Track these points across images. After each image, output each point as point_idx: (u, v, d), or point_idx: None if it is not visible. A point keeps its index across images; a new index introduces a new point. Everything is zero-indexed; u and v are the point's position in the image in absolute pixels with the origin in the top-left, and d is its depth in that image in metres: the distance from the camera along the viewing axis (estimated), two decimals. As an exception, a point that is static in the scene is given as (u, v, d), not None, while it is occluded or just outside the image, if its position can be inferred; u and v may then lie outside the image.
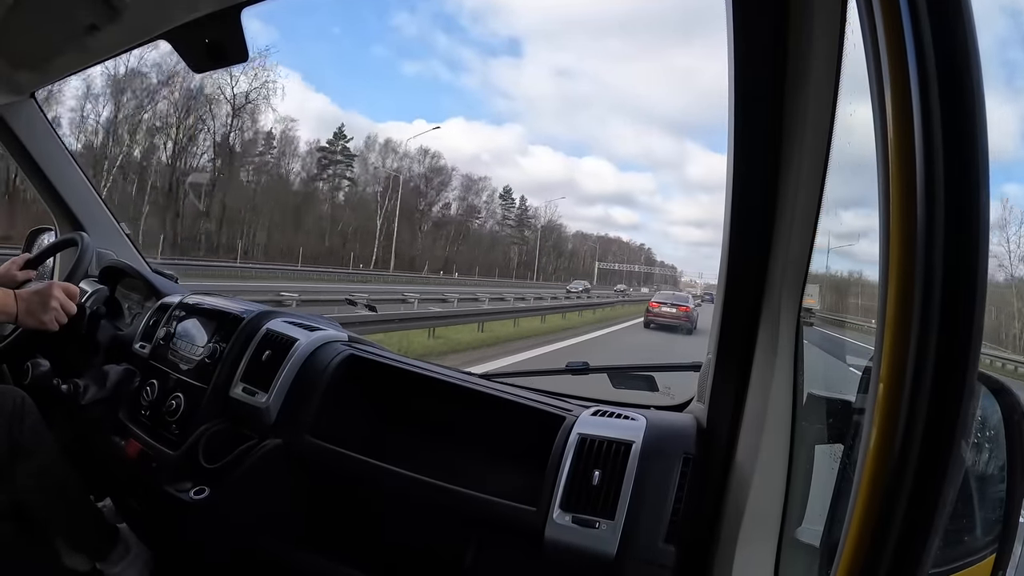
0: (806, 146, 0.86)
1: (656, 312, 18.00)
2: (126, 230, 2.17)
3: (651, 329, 17.23)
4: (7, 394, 1.43)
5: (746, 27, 0.84)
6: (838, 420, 0.97)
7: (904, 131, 0.49)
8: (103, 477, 1.63)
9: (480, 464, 1.29)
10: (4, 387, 1.47)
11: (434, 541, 1.32)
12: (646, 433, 1.14)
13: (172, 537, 1.51)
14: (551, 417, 1.25)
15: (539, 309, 16.69)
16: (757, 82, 0.87)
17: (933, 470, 0.49)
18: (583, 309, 20.07)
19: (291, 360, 1.43)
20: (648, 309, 18.75)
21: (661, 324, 17.27)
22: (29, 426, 1.42)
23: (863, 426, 0.53)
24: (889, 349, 0.50)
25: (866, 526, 0.51)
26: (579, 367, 1.57)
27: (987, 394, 0.78)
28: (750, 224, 0.95)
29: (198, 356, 1.55)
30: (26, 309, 1.40)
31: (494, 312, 14.61)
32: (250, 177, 35.51)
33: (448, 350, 9.43)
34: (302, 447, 1.36)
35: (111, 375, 1.60)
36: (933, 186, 0.48)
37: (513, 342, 11.37)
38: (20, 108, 1.88)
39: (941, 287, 0.48)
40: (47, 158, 1.97)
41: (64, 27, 1.42)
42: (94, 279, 1.90)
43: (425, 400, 1.44)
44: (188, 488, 1.36)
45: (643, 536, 1.05)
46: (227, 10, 1.30)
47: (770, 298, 0.96)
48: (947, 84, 0.48)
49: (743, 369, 1.02)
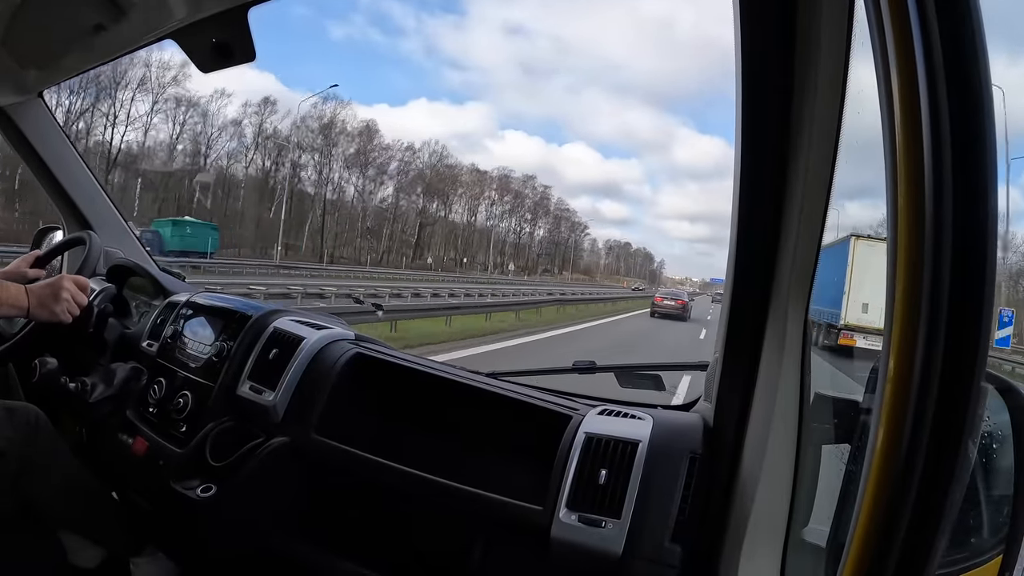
0: (813, 145, 0.86)
1: (659, 305, 23.60)
2: (134, 229, 2.18)
3: (655, 318, 22.21)
4: (23, 411, 1.44)
5: (753, 24, 0.83)
6: (845, 420, 0.97)
7: (912, 131, 0.49)
8: (110, 475, 1.64)
9: (487, 463, 1.29)
10: (20, 404, 1.48)
11: (440, 539, 1.32)
12: (653, 432, 1.14)
13: (180, 535, 1.52)
14: (558, 416, 1.25)
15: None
16: (764, 80, 0.87)
17: (940, 470, 0.49)
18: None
19: (298, 358, 1.43)
20: (653, 303, 24.41)
21: (663, 314, 22.65)
22: (44, 442, 1.44)
23: (870, 426, 0.53)
24: (896, 348, 0.50)
25: (873, 526, 0.51)
26: (586, 366, 1.57)
27: (995, 394, 0.78)
28: (757, 223, 0.94)
29: (205, 354, 1.55)
30: (38, 302, 1.41)
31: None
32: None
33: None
34: (309, 445, 1.36)
35: (118, 373, 1.61)
36: (941, 184, 0.48)
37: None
38: (28, 107, 1.89)
39: (949, 286, 0.48)
40: (55, 157, 1.98)
41: (71, 27, 1.43)
42: (102, 277, 1.91)
43: (432, 399, 1.44)
44: (195, 486, 1.36)
45: (649, 535, 1.05)
46: (233, 10, 1.31)
47: (777, 297, 0.96)
48: (954, 80, 0.48)
49: (750, 369, 1.02)
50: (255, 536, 1.41)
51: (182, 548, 1.58)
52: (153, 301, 1.88)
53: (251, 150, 40.84)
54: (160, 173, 35.37)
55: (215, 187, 37.90)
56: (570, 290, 29.55)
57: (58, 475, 1.45)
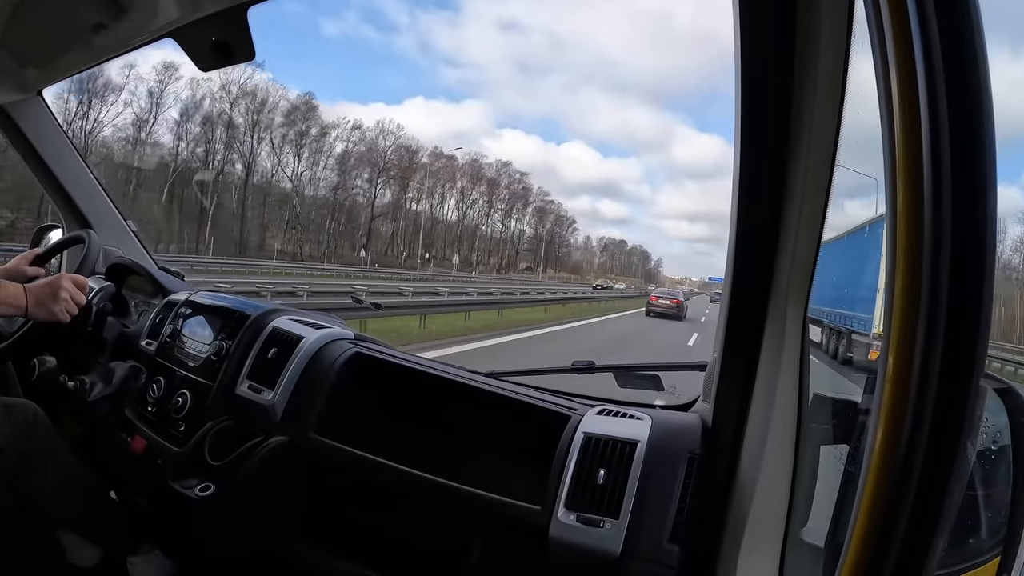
0: (813, 144, 0.85)
1: (654, 304, 23.40)
2: (133, 228, 2.18)
3: (651, 317, 21.96)
4: (20, 407, 1.44)
5: (753, 23, 0.83)
6: (844, 420, 0.97)
7: (911, 130, 0.49)
8: (109, 473, 1.64)
9: (485, 463, 1.29)
10: (18, 400, 1.47)
11: (439, 539, 1.32)
12: (651, 433, 1.14)
13: (178, 534, 1.52)
14: (556, 416, 1.25)
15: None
16: (764, 79, 0.86)
17: (938, 471, 0.49)
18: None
19: (297, 358, 1.43)
20: (648, 302, 24.14)
21: (658, 313, 22.28)
22: (42, 439, 1.44)
23: (869, 427, 0.53)
24: (895, 349, 0.50)
25: (871, 527, 0.51)
26: (585, 366, 1.57)
27: (993, 395, 0.78)
28: (757, 222, 0.94)
29: (204, 353, 1.55)
30: (36, 301, 1.40)
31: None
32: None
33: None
34: (307, 444, 1.36)
35: (117, 372, 1.60)
36: (940, 185, 0.48)
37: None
38: (27, 106, 1.89)
39: (948, 287, 0.48)
40: (54, 156, 1.98)
41: (71, 25, 1.43)
42: (101, 276, 1.91)
43: (430, 398, 1.44)
44: (194, 485, 1.36)
45: (647, 535, 1.05)
46: (233, 8, 1.31)
47: (776, 297, 0.96)
48: (953, 80, 0.48)
49: (749, 369, 1.02)
50: (253, 535, 1.41)
51: (180, 547, 1.57)
52: (152, 300, 1.88)
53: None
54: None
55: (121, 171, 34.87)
56: (521, 289, 27.04)
57: (56, 472, 1.45)
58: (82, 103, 33.27)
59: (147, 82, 35.98)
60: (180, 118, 37.62)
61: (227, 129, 40.32)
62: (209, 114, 39.33)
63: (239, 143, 40.91)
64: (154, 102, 36.47)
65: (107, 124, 34.73)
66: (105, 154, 34.10)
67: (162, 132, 37.25)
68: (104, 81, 33.80)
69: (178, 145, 37.43)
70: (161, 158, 36.75)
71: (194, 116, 38.49)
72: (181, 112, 37.81)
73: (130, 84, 35.31)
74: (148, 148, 36.14)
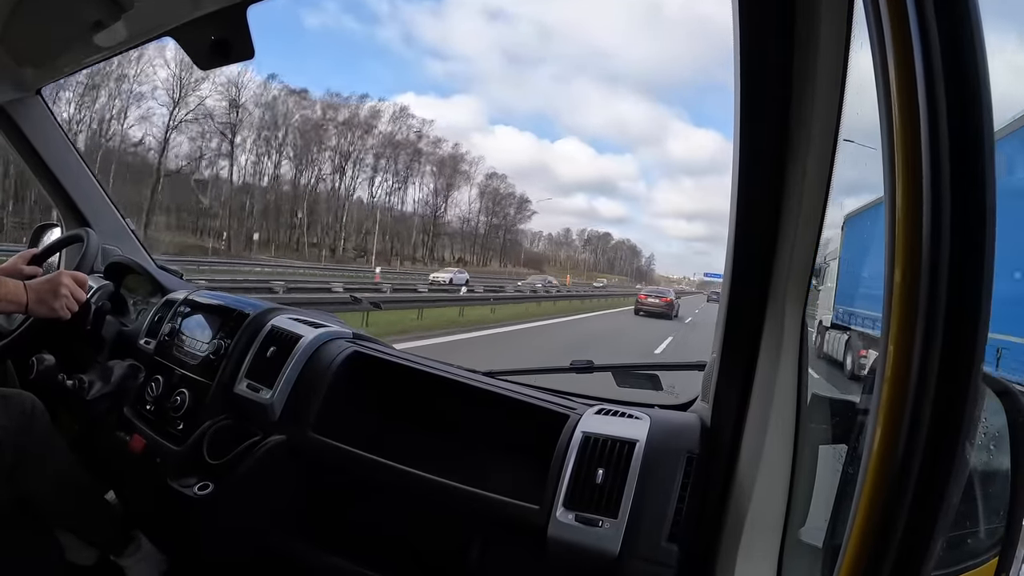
0: (812, 143, 0.85)
1: (644, 303, 22.82)
2: (131, 226, 2.18)
3: (640, 316, 21.40)
4: (17, 399, 1.43)
5: (752, 15, 0.83)
6: (842, 420, 0.97)
7: (911, 127, 0.49)
8: (107, 472, 1.64)
9: (484, 462, 1.29)
10: (15, 391, 1.47)
11: (438, 538, 1.32)
12: (650, 432, 1.14)
13: (176, 532, 1.52)
14: (555, 415, 1.25)
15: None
16: (763, 77, 0.86)
17: (937, 472, 0.49)
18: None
19: (295, 356, 1.43)
20: (637, 300, 23.59)
21: (648, 312, 21.81)
22: (39, 431, 1.43)
23: (867, 427, 0.52)
24: (894, 350, 0.50)
25: (869, 527, 0.51)
26: (583, 365, 1.57)
27: (991, 396, 0.78)
28: (756, 221, 0.94)
29: (203, 352, 1.55)
30: (36, 298, 1.40)
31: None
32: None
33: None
34: (306, 443, 1.36)
35: (116, 371, 1.61)
36: (939, 185, 0.48)
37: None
38: (26, 104, 1.88)
39: (946, 288, 0.48)
40: (53, 154, 1.98)
41: (69, 24, 1.42)
42: (99, 275, 1.90)
43: (429, 397, 1.44)
44: (192, 484, 1.36)
45: (646, 535, 1.05)
46: (232, 7, 1.30)
47: (775, 297, 0.96)
48: (952, 78, 0.47)
49: (747, 368, 1.01)
50: (252, 534, 1.41)
51: (179, 546, 1.57)
52: (151, 299, 1.88)
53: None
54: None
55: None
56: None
57: (52, 467, 1.44)
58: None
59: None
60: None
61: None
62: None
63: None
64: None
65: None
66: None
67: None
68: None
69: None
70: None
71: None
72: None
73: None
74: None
